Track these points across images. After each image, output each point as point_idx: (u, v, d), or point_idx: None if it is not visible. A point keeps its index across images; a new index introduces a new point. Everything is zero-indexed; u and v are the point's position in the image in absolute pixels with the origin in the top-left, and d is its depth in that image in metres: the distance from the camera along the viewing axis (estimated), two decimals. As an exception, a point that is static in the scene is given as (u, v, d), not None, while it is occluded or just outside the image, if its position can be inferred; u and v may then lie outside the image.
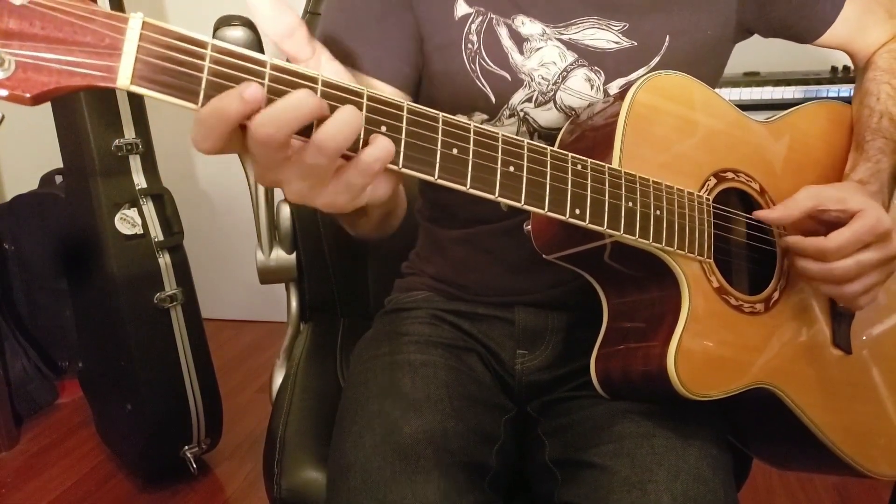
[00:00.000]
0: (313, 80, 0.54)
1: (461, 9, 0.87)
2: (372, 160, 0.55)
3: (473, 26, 0.86)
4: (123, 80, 0.49)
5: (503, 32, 0.86)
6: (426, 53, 0.89)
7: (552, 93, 0.87)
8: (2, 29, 0.46)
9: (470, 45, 0.86)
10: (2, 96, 0.46)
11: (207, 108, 0.50)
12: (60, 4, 0.48)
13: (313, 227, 1.29)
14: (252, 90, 0.50)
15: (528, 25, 0.86)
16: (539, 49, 0.86)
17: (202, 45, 0.51)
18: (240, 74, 0.52)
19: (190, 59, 0.50)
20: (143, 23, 0.49)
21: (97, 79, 0.48)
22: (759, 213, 0.83)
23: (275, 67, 0.53)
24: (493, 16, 0.86)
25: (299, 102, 0.52)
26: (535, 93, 0.87)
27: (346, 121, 0.54)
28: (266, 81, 0.53)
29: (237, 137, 0.53)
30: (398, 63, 0.87)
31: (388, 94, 0.60)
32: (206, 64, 0.51)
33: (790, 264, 0.85)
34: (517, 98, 0.88)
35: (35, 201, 2.19)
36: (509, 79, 0.87)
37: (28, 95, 0.47)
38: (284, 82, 0.54)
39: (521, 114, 0.88)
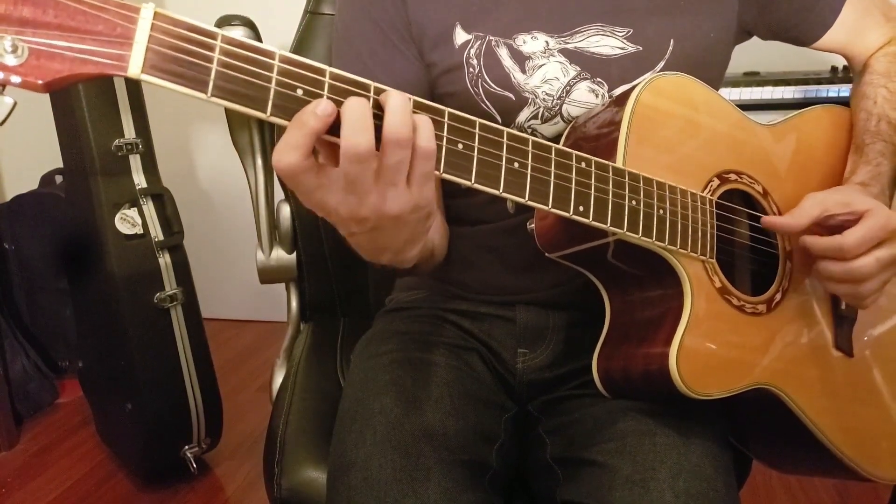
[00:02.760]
0: (321, 71, 0.56)
1: (460, 36, 0.88)
2: (427, 140, 0.57)
3: (472, 50, 0.88)
4: (134, 68, 0.50)
5: (503, 53, 0.87)
6: (434, 78, 0.91)
7: (557, 108, 0.88)
8: (16, 17, 0.47)
9: (471, 69, 0.88)
10: (15, 83, 0.47)
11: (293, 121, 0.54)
12: None
13: (313, 227, 1.30)
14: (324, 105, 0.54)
15: (529, 43, 0.87)
16: (541, 66, 0.87)
17: (213, 35, 0.52)
18: (249, 66, 0.53)
19: (200, 49, 0.52)
20: (155, 13, 0.50)
21: (109, 67, 0.49)
22: (767, 220, 0.83)
23: (283, 59, 0.54)
24: (491, 38, 0.87)
25: (361, 107, 0.55)
26: (541, 109, 0.88)
27: (402, 107, 0.56)
28: (274, 74, 0.54)
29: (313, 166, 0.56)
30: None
31: None
32: (216, 55, 0.52)
33: (793, 266, 0.85)
34: (523, 116, 0.88)
35: (35, 201, 2.19)
36: (513, 98, 0.88)
37: (41, 82, 0.48)
38: (293, 75, 0.55)
39: (529, 130, 0.89)
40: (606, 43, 0.87)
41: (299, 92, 0.55)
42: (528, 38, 0.87)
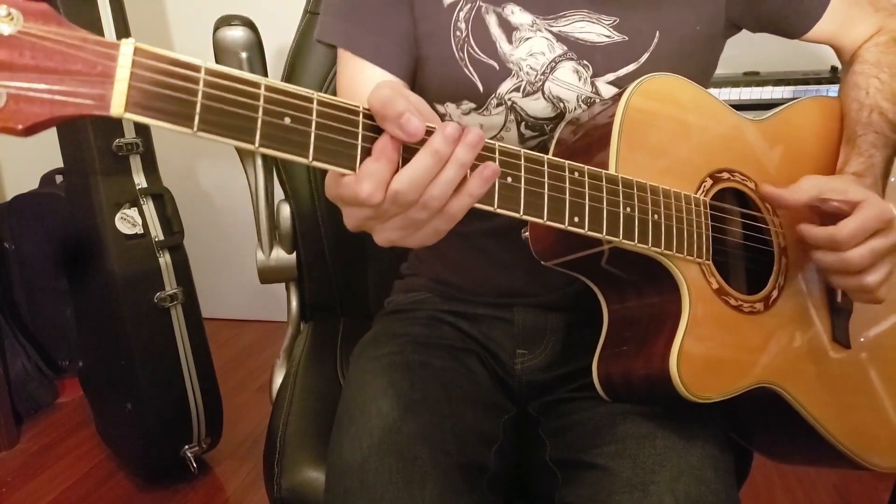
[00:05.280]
0: (308, 98, 0.55)
1: None
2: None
3: (462, 13, 0.87)
4: (117, 108, 0.48)
5: (492, 20, 0.87)
6: (418, 39, 0.89)
7: (540, 83, 0.87)
8: None
9: (458, 33, 0.87)
10: None
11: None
12: (50, 33, 0.47)
13: (314, 227, 1.30)
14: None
15: (517, 14, 0.86)
16: (528, 39, 0.86)
17: (195, 68, 0.51)
18: (235, 97, 0.52)
19: (184, 83, 0.50)
20: (136, 48, 0.49)
21: (90, 108, 0.47)
22: (766, 189, 0.82)
23: (269, 88, 0.53)
24: (482, 3, 0.87)
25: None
26: (524, 82, 0.87)
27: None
28: (261, 104, 0.53)
29: None
30: (396, 50, 0.88)
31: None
32: (200, 88, 0.51)
33: (788, 262, 0.85)
34: (505, 87, 0.88)
35: (35, 201, 2.18)
36: (497, 67, 0.87)
37: (20, 127, 0.46)
38: (279, 103, 0.54)
39: (509, 103, 0.88)
40: (592, 30, 0.87)
41: (287, 120, 0.54)
42: (517, 9, 0.87)
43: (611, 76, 0.88)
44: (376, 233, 0.62)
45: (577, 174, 0.69)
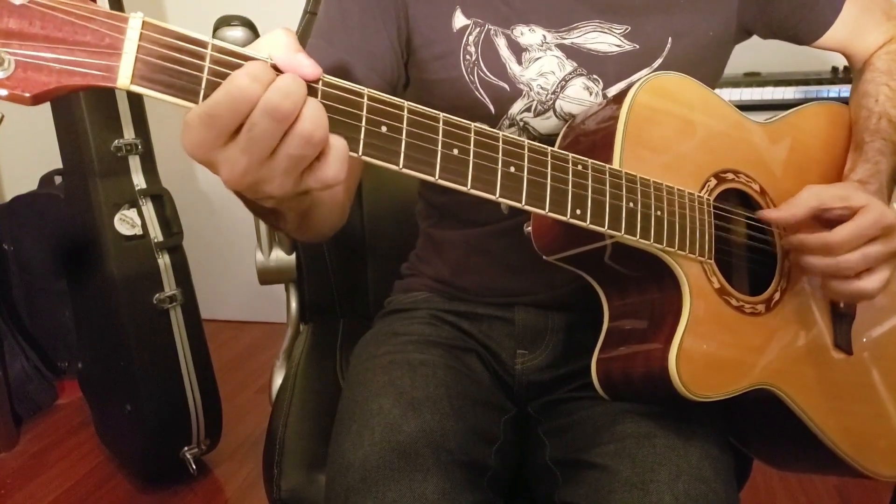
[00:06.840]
0: (314, 79, 0.55)
1: (459, 20, 0.87)
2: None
3: (471, 37, 0.87)
4: (123, 79, 0.49)
5: (501, 43, 0.87)
6: (424, 62, 0.90)
7: (551, 102, 0.87)
8: (1, 29, 0.46)
9: (468, 56, 0.87)
10: (2, 96, 0.47)
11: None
12: (60, 4, 0.48)
13: (313, 228, 1.29)
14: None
15: (527, 35, 0.86)
16: (538, 59, 0.87)
17: (202, 44, 0.51)
18: None
19: (190, 58, 0.51)
20: (144, 22, 0.50)
21: (97, 78, 0.49)
22: (763, 213, 0.83)
23: (276, 66, 0.53)
24: (490, 27, 0.87)
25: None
26: (535, 102, 0.87)
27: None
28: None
29: None
30: (365, 71, 0.87)
31: None
32: (207, 64, 0.51)
33: (791, 265, 0.85)
34: (516, 108, 0.88)
35: (35, 202, 2.18)
36: (508, 89, 0.87)
37: (28, 95, 0.47)
38: None
39: (521, 123, 0.89)
40: (604, 40, 0.87)
41: None
42: (527, 29, 0.87)
43: (622, 84, 0.88)
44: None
45: (580, 167, 0.69)
